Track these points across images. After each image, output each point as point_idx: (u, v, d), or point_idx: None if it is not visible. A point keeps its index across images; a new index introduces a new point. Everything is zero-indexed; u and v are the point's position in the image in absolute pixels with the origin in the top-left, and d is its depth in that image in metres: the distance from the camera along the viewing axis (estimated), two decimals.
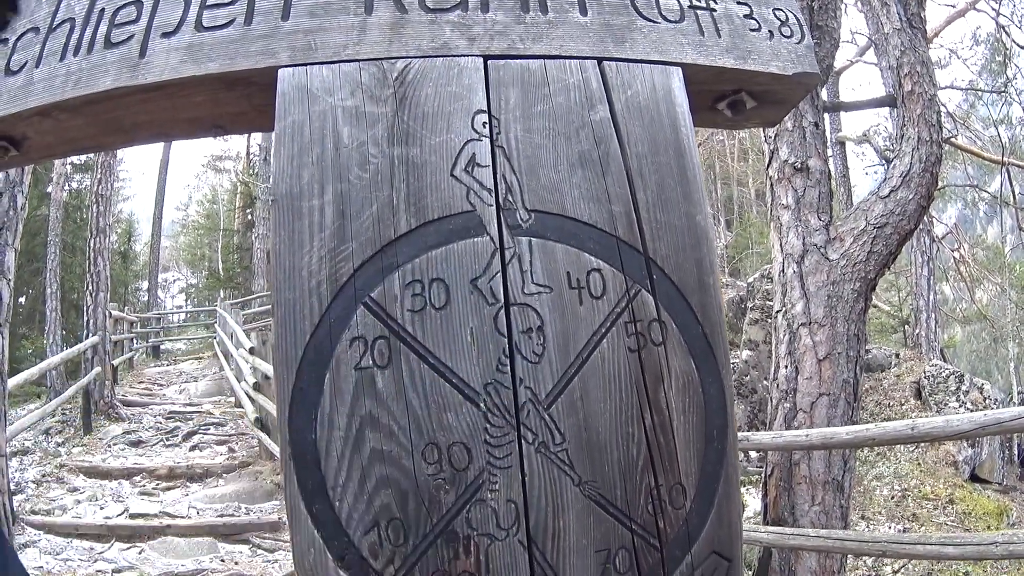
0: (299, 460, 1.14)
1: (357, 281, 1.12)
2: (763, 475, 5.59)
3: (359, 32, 1.24)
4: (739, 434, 5.01)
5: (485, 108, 1.22)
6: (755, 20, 1.40)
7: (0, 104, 1.28)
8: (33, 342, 20.25)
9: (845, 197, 20.03)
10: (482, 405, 1.09)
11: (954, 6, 19.49)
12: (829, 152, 5.91)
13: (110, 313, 15.66)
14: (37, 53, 1.28)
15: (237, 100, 1.30)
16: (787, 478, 5.16)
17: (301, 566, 1.18)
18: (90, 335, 14.57)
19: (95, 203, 16.61)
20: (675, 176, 1.25)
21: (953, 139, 16.33)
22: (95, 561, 7.51)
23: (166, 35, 1.25)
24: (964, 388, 11.13)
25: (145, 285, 29.52)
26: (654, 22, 1.33)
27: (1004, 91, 17.99)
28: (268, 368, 10.71)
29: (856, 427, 5.02)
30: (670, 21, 1.34)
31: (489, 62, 1.25)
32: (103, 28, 1.27)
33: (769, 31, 1.40)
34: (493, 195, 1.17)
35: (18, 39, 1.31)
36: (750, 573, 5.57)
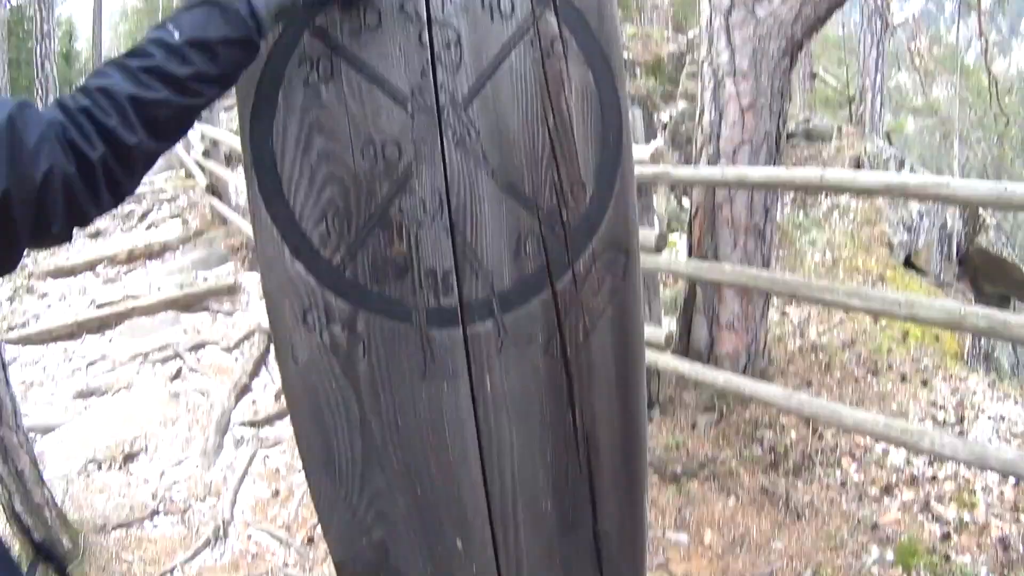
0: (259, 165, 1.35)
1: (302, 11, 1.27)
2: (688, 216, 5.90)
3: None
4: (661, 167, 5.17)
5: None
6: None
7: None
8: None
9: None
10: (409, 107, 1.29)
11: None
12: None
13: None
14: None
15: None
16: (711, 220, 5.48)
17: (262, 257, 1.42)
18: None
19: (38, 10, 18.93)
20: None
21: None
22: (69, 360, 7.86)
23: None
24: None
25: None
26: None
27: None
28: (215, 132, 10.72)
29: (767, 168, 5.25)
30: None
31: None
32: None
33: None
34: None
35: None
36: (676, 313, 6.04)
